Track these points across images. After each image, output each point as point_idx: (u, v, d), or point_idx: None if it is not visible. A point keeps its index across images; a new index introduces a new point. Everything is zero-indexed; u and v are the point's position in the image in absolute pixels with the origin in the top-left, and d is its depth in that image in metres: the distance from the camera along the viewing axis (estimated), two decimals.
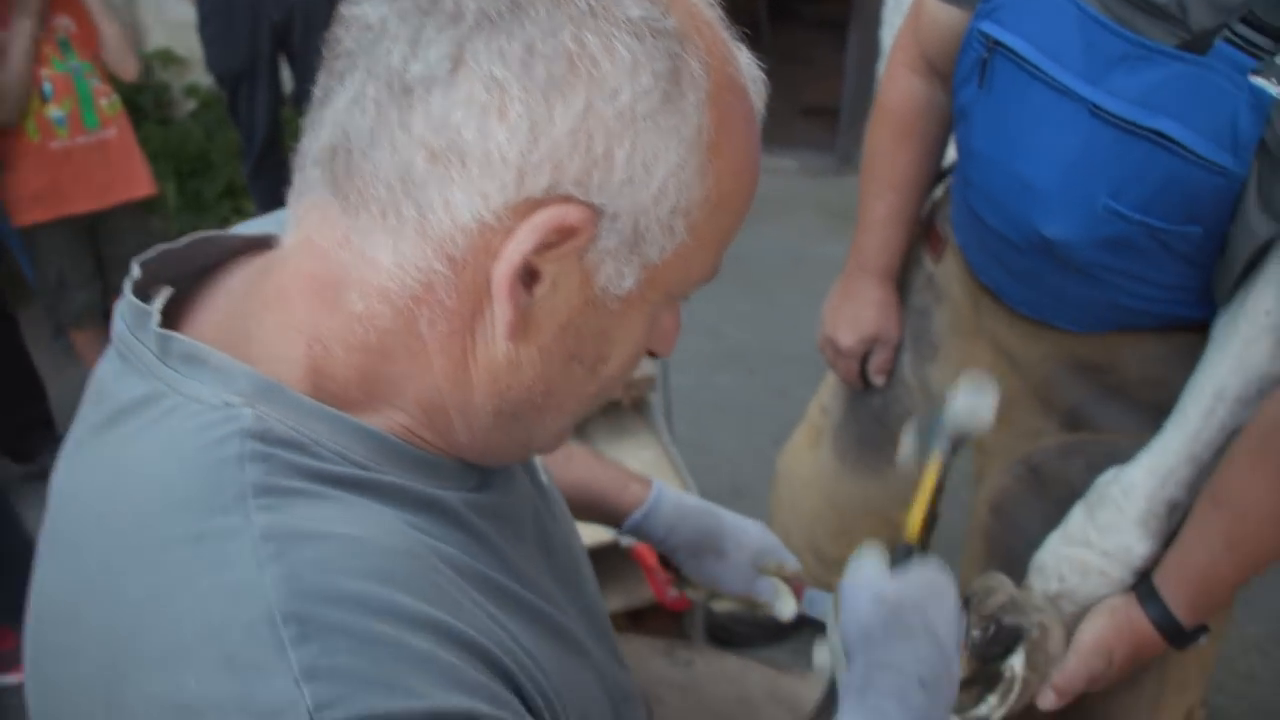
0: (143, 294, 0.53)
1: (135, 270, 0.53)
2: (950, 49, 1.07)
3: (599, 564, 1.62)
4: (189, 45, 3.06)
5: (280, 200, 0.55)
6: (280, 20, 2.59)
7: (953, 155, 1.18)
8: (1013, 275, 1.08)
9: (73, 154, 2.16)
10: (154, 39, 3.58)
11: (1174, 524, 0.99)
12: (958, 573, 1.32)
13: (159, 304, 0.53)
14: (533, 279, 0.49)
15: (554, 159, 0.46)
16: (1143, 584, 1.00)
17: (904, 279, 1.31)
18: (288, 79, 2.80)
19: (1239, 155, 0.84)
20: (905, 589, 0.75)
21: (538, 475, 0.71)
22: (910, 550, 0.87)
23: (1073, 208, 0.95)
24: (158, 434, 0.48)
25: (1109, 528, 1.01)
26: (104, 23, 2.17)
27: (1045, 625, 0.99)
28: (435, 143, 0.46)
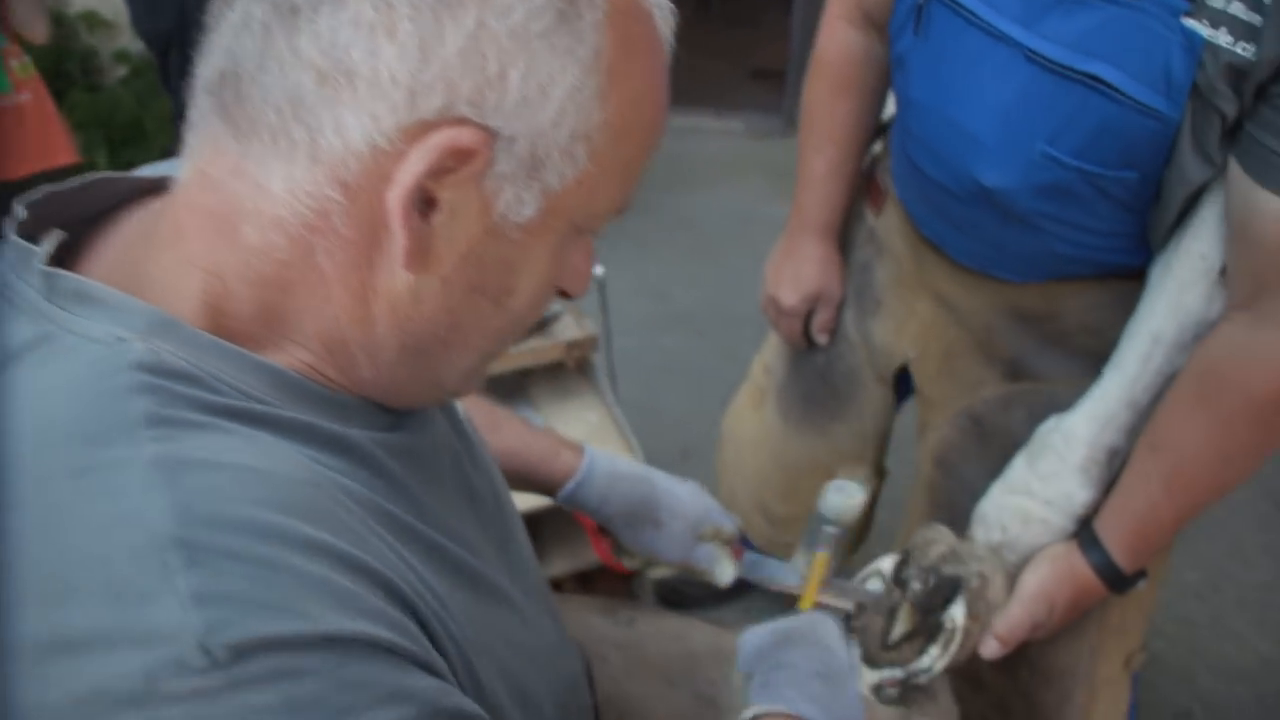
0: (30, 239, 0.51)
1: (19, 211, 0.51)
2: None
3: (545, 527, 1.63)
4: (115, 7, 2.94)
5: None
6: None
7: (893, 109, 1.17)
8: (953, 226, 1.07)
9: None
10: (78, 0, 3.45)
11: (1114, 471, 1.00)
12: (903, 528, 1.33)
13: (48, 247, 0.50)
14: (430, 207, 0.47)
15: (446, 79, 0.45)
16: (1084, 531, 1.01)
17: (846, 234, 1.30)
18: None
19: (1173, 98, 0.84)
20: (792, 622, 0.88)
21: (461, 424, 0.70)
22: None
23: (1010, 155, 0.94)
24: (47, 374, 0.46)
25: (1050, 476, 1.01)
26: None
27: (986, 575, 0.99)
28: (323, 64, 0.44)
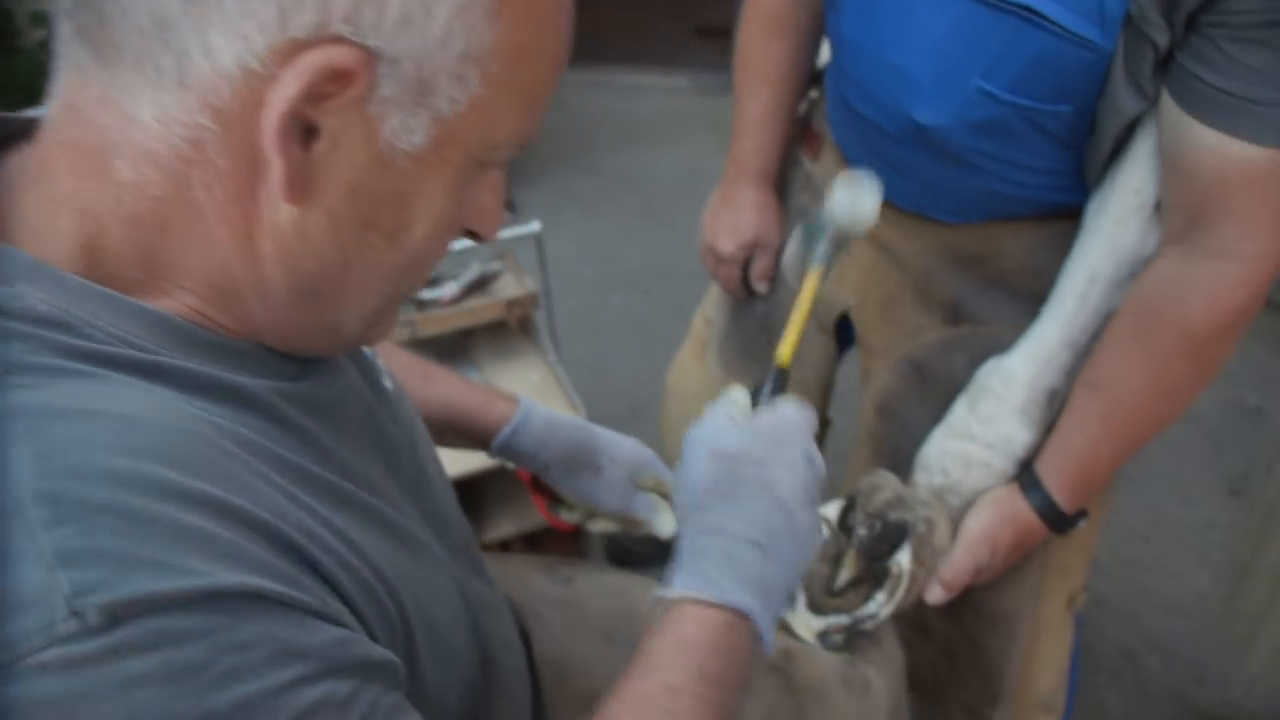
0: None
1: None
2: None
3: (490, 490, 1.60)
4: None
5: None
6: None
7: (828, 55, 1.15)
8: (889, 167, 1.05)
9: None
10: None
11: (1054, 412, 1.00)
12: (847, 477, 1.32)
13: None
14: (312, 136, 0.44)
15: None
16: (1025, 473, 1.00)
17: (783, 181, 1.28)
18: None
19: (1106, 29, 0.82)
20: (746, 442, 0.70)
21: (376, 378, 0.67)
22: (782, 375, 0.80)
23: (944, 91, 0.92)
24: None
25: (990, 419, 1.01)
26: None
27: (931, 520, 0.98)
28: None
